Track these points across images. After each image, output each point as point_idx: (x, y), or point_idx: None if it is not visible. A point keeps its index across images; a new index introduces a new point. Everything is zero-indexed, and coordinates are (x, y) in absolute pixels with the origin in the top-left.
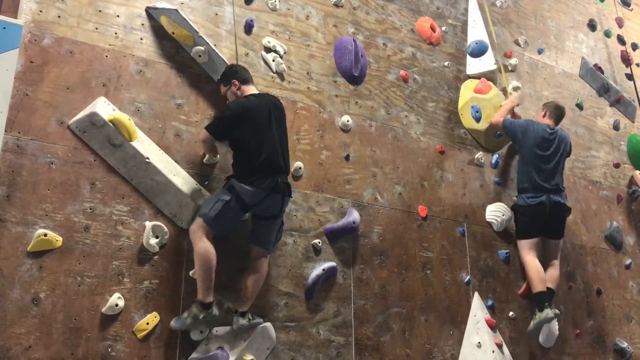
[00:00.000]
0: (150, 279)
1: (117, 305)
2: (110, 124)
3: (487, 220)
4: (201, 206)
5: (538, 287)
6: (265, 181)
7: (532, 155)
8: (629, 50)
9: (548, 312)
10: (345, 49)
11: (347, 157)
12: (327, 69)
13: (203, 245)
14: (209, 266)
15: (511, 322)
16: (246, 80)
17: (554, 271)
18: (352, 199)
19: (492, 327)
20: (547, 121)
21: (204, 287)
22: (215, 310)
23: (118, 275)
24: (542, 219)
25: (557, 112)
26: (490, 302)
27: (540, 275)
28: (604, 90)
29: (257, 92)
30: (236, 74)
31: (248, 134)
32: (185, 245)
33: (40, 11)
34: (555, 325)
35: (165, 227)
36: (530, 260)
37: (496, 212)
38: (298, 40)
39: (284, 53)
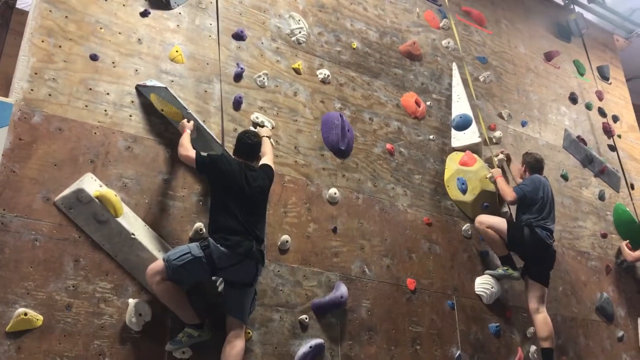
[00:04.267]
0: (133, 359)
1: None
2: (97, 200)
3: (477, 292)
4: (170, 251)
5: (503, 251)
6: (241, 245)
7: (539, 202)
8: (610, 122)
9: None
10: (332, 124)
11: (334, 230)
12: (315, 143)
13: (161, 287)
14: (177, 299)
15: None
16: (238, 151)
17: (546, 321)
18: (340, 272)
19: None
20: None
21: (183, 314)
22: (208, 331)
23: (99, 355)
24: (538, 248)
25: (538, 166)
26: None
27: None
28: (588, 161)
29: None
30: (237, 143)
31: (220, 191)
32: (170, 323)
33: (32, 90)
34: None
35: (148, 305)
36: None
37: (485, 285)
38: (286, 115)
39: (272, 128)
